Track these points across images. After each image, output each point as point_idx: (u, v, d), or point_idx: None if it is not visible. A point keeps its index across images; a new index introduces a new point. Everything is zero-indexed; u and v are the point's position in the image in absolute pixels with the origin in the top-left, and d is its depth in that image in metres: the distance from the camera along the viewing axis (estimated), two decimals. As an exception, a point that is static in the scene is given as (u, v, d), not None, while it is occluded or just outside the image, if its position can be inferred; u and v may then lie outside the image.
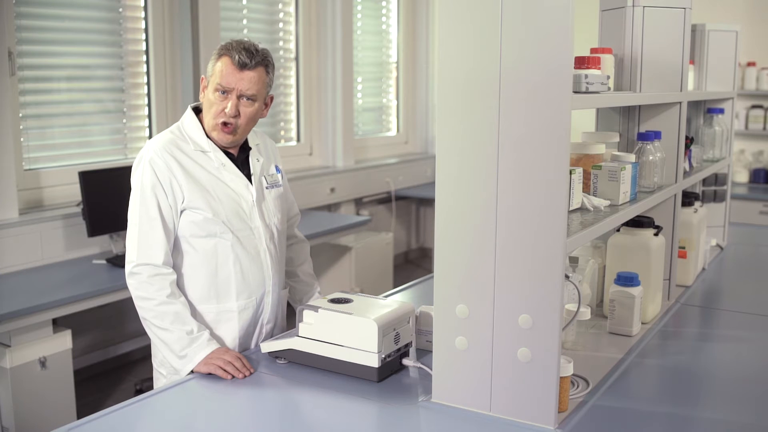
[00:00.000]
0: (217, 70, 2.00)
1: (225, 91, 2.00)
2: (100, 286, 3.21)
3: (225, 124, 2.01)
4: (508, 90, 1.56)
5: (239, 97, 2.01)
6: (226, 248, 2.04)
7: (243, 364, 1.91)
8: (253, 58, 2.00)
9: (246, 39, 2.05)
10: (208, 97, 2.03)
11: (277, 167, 2.23)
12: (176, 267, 2.04)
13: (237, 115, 2.01)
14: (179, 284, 2.04)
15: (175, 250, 2.04)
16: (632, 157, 2.15)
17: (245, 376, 1.88)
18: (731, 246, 3.36)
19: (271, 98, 2.14)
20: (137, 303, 1.99)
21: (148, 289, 1.96)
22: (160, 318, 1.95)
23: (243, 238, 2.06)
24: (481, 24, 1.57)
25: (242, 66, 1.99)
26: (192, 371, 1.92)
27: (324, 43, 5.44)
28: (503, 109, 1.57)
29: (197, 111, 2.11)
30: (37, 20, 3.70)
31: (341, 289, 4.42)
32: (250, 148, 2.15)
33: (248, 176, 2.11)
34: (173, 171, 1.98)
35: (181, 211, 2.01)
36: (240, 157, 2.13)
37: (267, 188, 2.16)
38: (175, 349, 1.94)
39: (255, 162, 2.14)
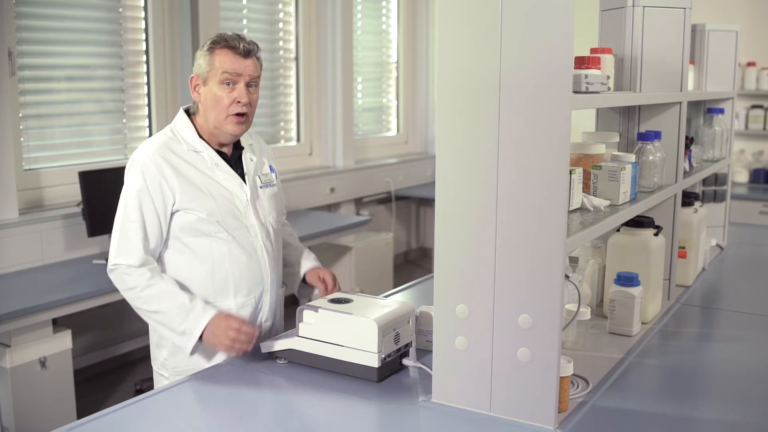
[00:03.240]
0: (218, 63, 2.00)
1: (232, 82, 2.01)
2: (100, 286, 3.21)
3: (239, 114, 2.02)
4: (508, 90, 1.56)
5: (247, 84, 2.03)
6: (222, 247, 2.04)
7: (248, 333, 1.94)
8: (252, 45, 2.05)
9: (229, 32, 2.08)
10: (213, 93, 2.02)
11: (270, 167, 2.24)
12: (173, 267, 2.05)
13: (249, 102, 2.04)
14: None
15: (171, 250, 2.04)
16: (632, 157, 2.15)
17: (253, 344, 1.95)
18: (731, 246, 3.36)
19: None
20: (125, 296, 2.02)
21: (127, 281, 1.98)
22: (149, 302, 1.97)
23: (239, 236, 2.06)
24: (481, 24, 1.57)
25: (247, 53, 2.02)
26: (201, 340, 1.96)
27: (324, 43, 5.45)
28: (503, 109, 1.57)
29: (188, 113, 2.12)
30: (37, 20, 3.71)
31: (341, 289, 4.42)
32: (242, 148, 2.16)
33: (242, 175, 2.11)
34: (165, 174, 1.99)
35: (174, 213, 2.01)
36: (233, 156, 2.13)
37: (261, 187, 2.16)
38: (173, 328, 1.96)
39: (248, 161, 2.15)
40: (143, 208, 1.98)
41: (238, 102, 2.01)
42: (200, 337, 1.96)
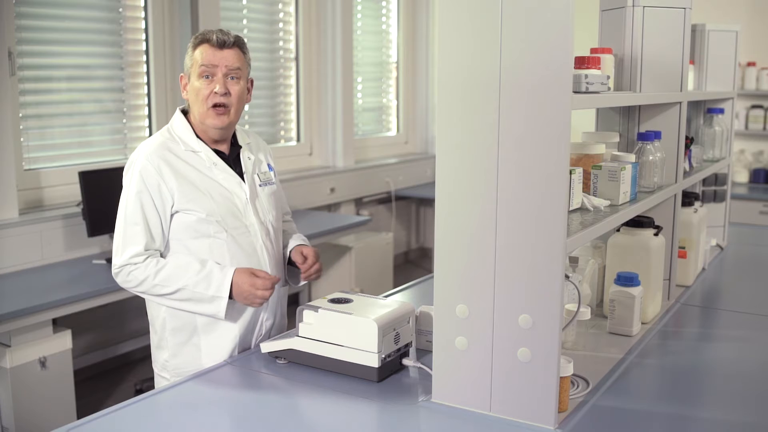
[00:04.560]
0: (197, 57, 2.02)
1: (210, 74, 2.02)
2: (100, 286, 3.21)
3: (217, 105, 2.02)
4: (509, 90, 1.56)
5: (225, 75, 2.03)
6: (222, 248, 2.04)
7: (267, 286, 1.98)
8: (229, 37, 2.04)
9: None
10: (194, 87, 2.04)
11: (269, 165, 2.24)
12: None
13: (227, 92, 2.03)
14: None
15: (171, 252, 2.04)
16: (632, 157, 2.15)
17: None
18: (731, 246, 3.36)
19: (252, 81, 2.15)
20: (139, 291, 2.00)
21: (137, 275, 1.98)
22: (167, 284, 1.97)
23: (238, 236, 2.06)
24: (481, 24, 1.57)
25: (222, 44, 2.02)
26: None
27: (324, 43, 5.44)
28: (503, 109, 1.57)
29: (185, 113, 2.12)
30: (38, 20, 3.70)
31: (341, 289, 4.42)
32: (240, 147, 2.16)
33: (240, 174, 2.11)
34: (163, 175, 1.99)
35: (174, 214, 2.01)
36: (231, 155, 2.13)
37: (260, 186, 2.16)
38: (201, 297, 1.97)
39: (246, 160, 2.15)
40: (145, 209, 1.98)
41: (215, 93, 2.01)
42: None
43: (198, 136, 2.07)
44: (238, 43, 2.06)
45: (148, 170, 1.98)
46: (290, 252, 2.24)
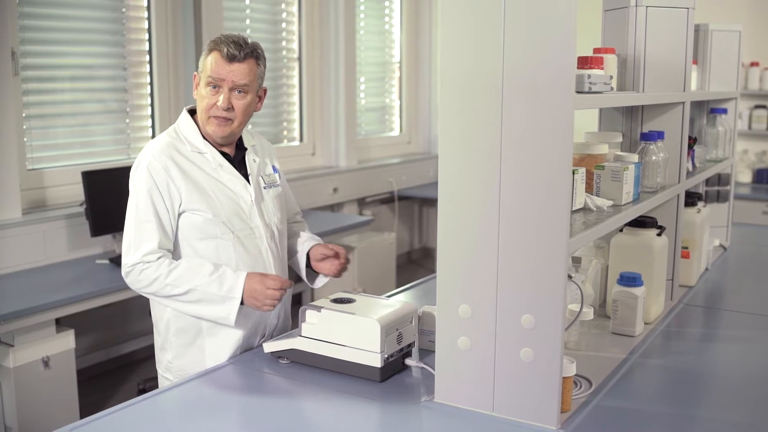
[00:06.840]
0: (208, 65, 2.01)
1: (216, 85, 2.00)
2: (103, 285, 3.21)
3: (217, 117, 2.01)
4: (511, 90, 1.56)
5: (231, 89, 2.00)
6: (228, 249, 2.04)
7: (281, 289, 1.96)
8: (242, 50, 1.99)
9: (236, 33, 2.05)
10: (200, 92, 2.04)
11: (274, 167, 2.24)
12: None
13: (230, 108, 2.01)
14: None
15: (177, 253, 2.04)
16: (635, 157, 2.15)
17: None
18: (734, 246, 3.35)
19: (265, 91, 2.13)
20: (149, 292, 1.98)
21: (148, 274, 1.96)
22: (178, 284, 1.95)
23: (244, 238, 2.06)
24: (483, 23, 1.57)
25: (231, 58, 1.98)
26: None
27: (327, 42, 5.45)
28: (506, 109, 1.57)
29: (192, 113, 2.12)
30: (41, 20, 3.71)
31: (344, 289, 4.42)
32: (246, 149, 2.16)
33: (245, 176, 2.11)
34: (171, 174, 1.99)
35: (181, 214, 2.01)
36: (237, 157, 2.13)
37: (265, 188, 2.16)
38: (212, 298, 1.95)
39: (251, 162, 2.15)
40: (156, 207, 1.97)
41: (218, 106, 2.00)
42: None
43: (204, 137, 2.07)
44: (253, 55, 2.02)
45: (157, 169, 1.98)
46: (309, 251, 2.23)
